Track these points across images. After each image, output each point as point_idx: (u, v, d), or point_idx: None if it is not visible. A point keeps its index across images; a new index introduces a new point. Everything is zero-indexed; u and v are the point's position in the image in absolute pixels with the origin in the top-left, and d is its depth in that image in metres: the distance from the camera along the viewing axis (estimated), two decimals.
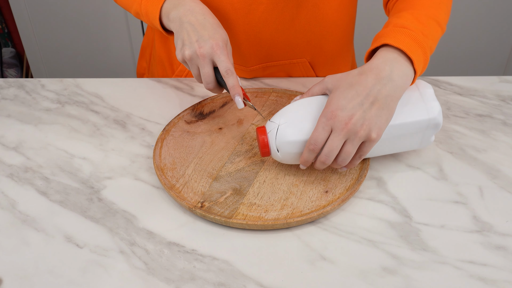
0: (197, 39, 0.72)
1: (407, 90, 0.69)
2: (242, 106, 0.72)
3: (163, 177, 0.71)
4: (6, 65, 2.25)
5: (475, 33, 1.94)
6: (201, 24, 0.73)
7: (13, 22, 2.21)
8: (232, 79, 0.71)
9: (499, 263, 0.60)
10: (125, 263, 0.61)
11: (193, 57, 0.72)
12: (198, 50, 0.71)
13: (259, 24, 0.85)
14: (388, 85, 0.63)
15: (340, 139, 0.62)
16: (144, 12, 0.79)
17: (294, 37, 0.89)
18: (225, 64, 0.71)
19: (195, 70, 0.74)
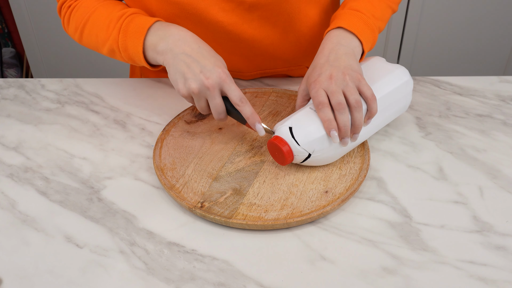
0: (201, 70, 0.68)
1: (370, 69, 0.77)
2: (263, 134, 0.70)
3: (163, 177, 0.71)
4: (6, 65, 2.25)
5: (475, 33, 1.94)
6: (199, 53, 0.69)
7: (13, 22, 2.21)
8: (248, 108, 0.69)
9: (499, 263, 0.60)
10: (125, 263, 0.61)
11: (202, 90, 0.68)
12: (206, 81, 0.67)
13: (254, 39, 0.84)
14: (341, 48, 0.72)
15: (336, 88, 0.67)
16: (123, 47, 0.74)
17: (289, 47, 0.88)
18: (237, 93, 0.69)
19: (203, 103, 0.71)
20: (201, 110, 0.72)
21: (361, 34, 0.75)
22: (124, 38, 0.73)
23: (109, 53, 0.77)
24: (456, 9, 1.87)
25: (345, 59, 0.71)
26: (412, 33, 1.92)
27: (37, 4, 1.96)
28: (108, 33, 0.75)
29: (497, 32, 1.94)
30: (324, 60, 0.71)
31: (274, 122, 0.82)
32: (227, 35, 0.83)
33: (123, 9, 0.76)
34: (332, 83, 0.68)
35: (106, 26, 0.75)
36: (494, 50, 1.99)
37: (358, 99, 0.67)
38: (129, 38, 0.73)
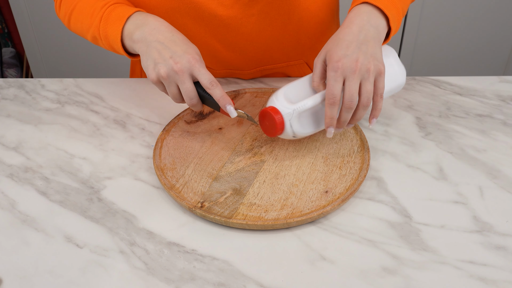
0: (171, 55, 0.68)
1: None
2: (235, 115, 0.70)
3: (163, 177, 0.71)
4: (6, 65, 2.25)
5: (475, 33, 1.94)
6: (171, 41, 0.69)
7: (13, 22, 2.21)
8: (218, 90, 0.69)
9: (499, 263, 0.60)
10: (125, 263, 0.61)
11: (170, 74, 0.68)
12: (175, 65, 0.68)
13: (253, 34, 0.85)
14: (371, 29, 0.69)
15: (356, 82, 0.65)
16: (103, 35, 0.74)
17: (288, 41, 0.89)
18: (207, 76, 0.68)
19: (173, 89, 0.70)
20: (173, 97, 0.71)
21: (389, 12, 0.71)
22: (105, 26, 0.74)
23: (93, 40, 0.78)
24: (456, 9, 1.87)
25: (373, 44, 0.68)
26: (412, 33, 1.92)
27: (37, 4, 1.96)
28: (92, 21, 0.76)
29: (497, 32, 1.94)
30: (352, 37, 0.67)
31: None
32: (226, 30, 0.83)
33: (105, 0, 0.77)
34: (355, 72, 0.65)
35: (90, 14, 0.76)
36: (494, 50, 1.99)
37: (370, 98, 0.66)
38: (109, 26, 0.74)
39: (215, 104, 0.71)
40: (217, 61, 0.91)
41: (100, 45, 0.78)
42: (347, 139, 0.78)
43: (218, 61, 0.90)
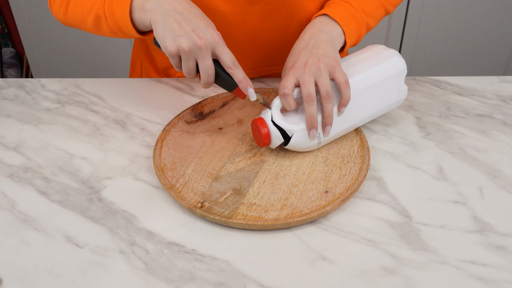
0: (193, 28, 0.65)
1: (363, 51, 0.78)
2: (255, 98, 0.69)
3: (163, 177, 0.71)
4: (6, 65, 2.25)
5: (475, 33, 1.94)
6: (191, 13, 0.66)
7: (13, 22, 2.21)
8: (240, 72, 0.68)
9: (499, 263, 0.60)
10: (125, 263, 0.61)
11: (192, 49, 0.65)
12: (199, 40, 0.64)
13: (253, 33, 0.85)
14: (321, 34, 0.72)
15: (308, 79, 0.67)
16: (109, 12, 0.69)
17: (289, 42, 0.89)
18: (229, 55, 0.66)
19: (192, 63, 0.67)
20: (188, 71, 0.68)
21: (345, 24, 0.75)
22: (110, 1, 0.69)
23: (95, 21, 0.73)
24: (456, 9, 1.87)
25: (324, 46, 0.71)
26: (412, 33, 1.92)
27: (37, 4, 1.96)
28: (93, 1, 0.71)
29: (497, 32, 1.94)
30: (304, 45, 0.71)
31: None
32: (228, 26, 0.83)
33: None
34: (305, 71, 0.68)
35: None
36: (494, 50, 1.99)
37: (329, 90, 0.68)
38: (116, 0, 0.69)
39: (228, 84, 0.70)
40: None
41: (103, 27, 0.73)
42: (347, 139, 0.78)
43: None
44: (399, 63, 0.77)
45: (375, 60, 0.76)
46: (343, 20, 0.75)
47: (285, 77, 0.69)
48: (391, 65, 0.76)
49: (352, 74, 0.74)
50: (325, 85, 0.68)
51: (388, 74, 0.76)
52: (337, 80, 0.69)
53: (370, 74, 0.75)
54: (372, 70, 0.75)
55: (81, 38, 2.03)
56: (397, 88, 0.78)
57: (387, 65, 0.76)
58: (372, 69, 0.75)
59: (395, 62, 0.77)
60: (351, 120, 0.75)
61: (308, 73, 0.68)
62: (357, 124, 0.77)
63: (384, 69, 0.76)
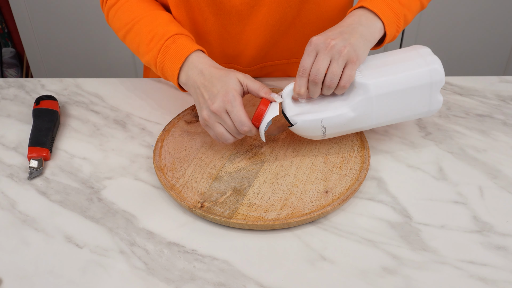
0: (209, 97, 0.70)
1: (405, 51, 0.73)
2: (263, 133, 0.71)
3: (163, 177, 0.71)
4: (6, 65, 2.25)
5: (475, 33, 1.94)
6: (209, 81, 0.71)
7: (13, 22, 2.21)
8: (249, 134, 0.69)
9: (499, 263, 0.60)
10: (125, 263, 0.61)
11: (210, 116, 0.70)
12: (211, 106, 0.69)
13: (261, 26, 0.85)
14: (359, 28, 0.70)
15: (325, 58, 0.66)
16: (160, 67, 0.76)
17: (294, 37, 0.89)
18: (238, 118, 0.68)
19: (218, 129, 0.70)
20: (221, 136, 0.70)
21: (384, 16, 0.72)
22: (162, 58, 0.75)
23: (147, 64, 0.80)
24: (456, 9, 1.87)
25: (358, 38, 0.69)
26: (412, 33, 1.92)
27: (37, 4, 1.96)
28: (149, 48, 0.77)
29: (497, 32, 1.94)
30: (339, 30, 0.69)
31: (274, 122, 0.82)
32: (237, 18, 0.84)
33: (167, 26, 0.77)
34: (326, 49, 0.67)
35: (148, 40, 0.77)
36: (494, 50, 1.99)
37: (335, 80, 0.67)
38: (167, 60, 0.75)
39: None
40: (220, 54, 0.91)
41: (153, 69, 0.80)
42: (347, 139, 0.77)
43: (221, 53, 0.91)
44: (437, 73, 0.70)
45: (410, 65, 0.70)
46: (381, 11, 0.72)
47: (307, 52, 0.68)
48: (425, 73, 0.70)
49: (379, 74, 0.69)
50: (334, 73, 0.67)
51: (420, 83, 0.70)
52: (342, 77, 0.68)
53: (398, 80, 0.69)
54: (401, 75, 0.69)
55: (81, 38, 2.03)
56: (428, 98, 0.72)
57: (421, 73, 0.70)
58: (402, 74, 0.69)
59: (432, 72, 0.70)
60: (367, 122, 0.72)
61: (328, 52, 0.67)
62: (372, 126, 0.73)
63: (416, 76, 0.70)
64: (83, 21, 1.99)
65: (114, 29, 0.85)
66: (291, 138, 0.78)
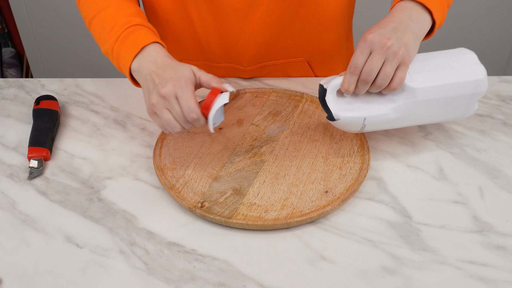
0: (159, 81, 0.67)
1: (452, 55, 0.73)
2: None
3: (163, 177, 0.71)
4: (6, 65, 2.25)
5: (475, 33, 1.94)
6: (162, 69, 0.69)
7: (13, 22, 2.21)
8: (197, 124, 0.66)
9: (499, 263, 0.60)
10: (125, 263, 0.61)
11: (159, 101, 0.66)
12: (161, 90, 0.66)
13: (259, 25, 0.85)
14: (411, 24, 0.68)
15: (379, 59, 0.65)
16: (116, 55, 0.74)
17: (293, 36, 0.89)
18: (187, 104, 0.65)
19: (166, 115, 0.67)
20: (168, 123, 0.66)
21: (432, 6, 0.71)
22: (119, 46, 0.73)
23: (105, 53, 0.78)
24: (456, 9, 1.87)
25: (410, 36, 0.68)
26: None
27: (37, 4, 1.96)
28: (109, 36, 0.75)
29: (497, 32, 1.94)
30: (392, 26, 0.68)
31: (274, 122, 0.82)
32: (235, 17, 0.84)
33: (131, 16, 0.75)
34: (382, 49, 0.65)
35: (109, 28, 0.75)
36: (494, 50, 1.99)
37: (386, 81, 0.66)
38: (123, 49, 0.73)
39: None
40: (221, 54, 0.91)
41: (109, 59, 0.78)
42: (347, 139, 0.78)
43: (221, 53, 0.91)
44: (482, 85, 0.70)
45: (458, 74, 0.70)
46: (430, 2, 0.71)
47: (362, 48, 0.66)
48: (472, 84, 0.70)
49: (428, 80, 0.69)
50: (387, 74, 0.66)
51: (464, 93, 0.70)
52: (395, 79, 0.67)
53: (445, 88, 0.69)
54: (449, 83, 0.69)
55: (81, 38, 2.03)
56: (466, 106, 0.72)
57: (468, 84, 0.70)
58: (450, 83, 0.69)
59: (478, 83, 0.69)
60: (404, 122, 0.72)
61: (384, 53, 0.65)
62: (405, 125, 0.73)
63: (463, 86, 0.69)
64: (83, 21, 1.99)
65: (82, 15, 0.83)
66: (291, 138, 0.78)
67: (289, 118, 0.82)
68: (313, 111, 0.84)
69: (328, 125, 0.81)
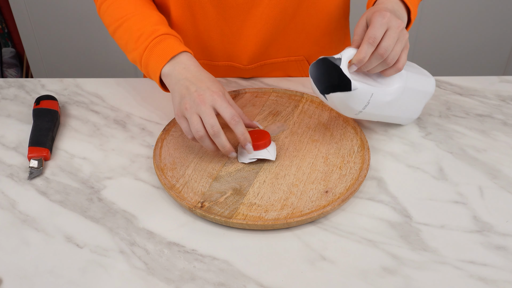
0: (196, 89, 0.71)
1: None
2: (251, 153, 0.72)
3: (163, 177, 0.71)
4: (6, 65, 2.25)
5: (475, 33, 1.94)
6: (197, 78, 0.72)
7: (13, 22, 2.21)
8: (240, 127, 0.70)
9: (499, 263, 0.60)
10: (125, 263, 0.61)
11: (193, 106, 0.70)
12: (198, 97, 0.69)
13: (261, 20, 0.85)
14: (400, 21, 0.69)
15: (395, 36, 0.67)
16: (145, 64, 0.77)
17: (293, 33, 0.89)
18: (229, 110, 0.69)
19: (195, 118, 0.69)
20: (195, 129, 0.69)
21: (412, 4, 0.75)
22: (148, 56, 0.76)
23: (132, 61, 0.81)
24: (456, 9, 1.87)
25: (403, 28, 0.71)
26: (412, 33, 1.92)
27: (37, 4, 1.96)
28: (136, 46, 0.78)
29: (497, 32, 1.94)
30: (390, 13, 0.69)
31: (274, 122, 0.82)
32: (237, 12, 0.85)
33: (156, 25, 0.78)
34: (398, 28, 0.67)
35: (136, 38, 0.78)
36: (494, 50, 1.99)
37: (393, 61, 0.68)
38: (152, 58, 0.76)
39: None
40: (222, 52, 0.91)
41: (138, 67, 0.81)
42: (347, 139, 0.78)
43: (222, 51, 0.91)
44: (433, 85, 0.80)
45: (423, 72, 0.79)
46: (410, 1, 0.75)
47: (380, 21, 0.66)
48: (432, 82, 0.79)
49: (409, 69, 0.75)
50: (397, 52, 0.68)
51: (426, 89, 0.78)
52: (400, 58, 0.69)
53: (419, 79, 0.77)
54: (420, 77, 0.77)
55: (81, 38, 2.03)
56: (419, 106, 0.80)
57: (430, 81, 0.79)
58: (421, 76, 0.77)
59: (431, 83, 0.79)
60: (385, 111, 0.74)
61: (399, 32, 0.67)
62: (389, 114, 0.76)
63: (425, 81, 0.78)
64: (83, 21, 2.00)
65: (104, 23, 0.85)
66: (291, 138, 0.78)
67: (289, 118, 0.82)
68: (313, 111, 0.84)
69: (328, 125, 0.81)
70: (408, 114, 0.79)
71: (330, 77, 0.73)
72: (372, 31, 0.66)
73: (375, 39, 0.66)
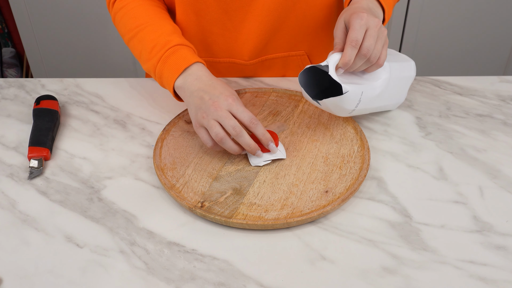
0: (210, 97, 0.71)
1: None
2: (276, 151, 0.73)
3: (163, 177, 0.71)
4: (6, 65, 2.25)
5: (475, 33, 1.94)
6: (210, 86, 0.73)
7: (13, 22, 2.21)
8: (260, 128, 0.71)
9: (499, 263, 0.60)
10: (125, 263, 0.61)
11: (209, 114, 0.70)
12: (213, 105, 0.70)
13: (262, 13, 0.86)
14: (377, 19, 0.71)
15: (375, 35, 0.69)
16: (159, 75, 0.78)
17: (293, 26, 0.90)
18: (247, 113, 0.70)
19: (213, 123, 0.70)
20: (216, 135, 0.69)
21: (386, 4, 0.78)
22: (162, 67, 0.77)
23: (147, 71, 0.82)
24: (456, 9, 1.87)
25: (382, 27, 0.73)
26: (412, 33, 1.92)
27: (37, 4, 1.96)
28: (150, 57, 0.79)
29: (497, 32, 1.94)
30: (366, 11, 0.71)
31: (274, 122, 0.82)
32: (240, 2, 0.85)
33: (170, 36, 0.79)
34: (377, 27, 0.69)
35: (150, 48, 0.79)
36: (494, 50, 1.99)
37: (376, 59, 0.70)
38: (166, 69, 0.77)
39: None
40: (223, 47, 0.91)
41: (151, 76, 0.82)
42: (347, 139, 0.78)
43: (224, 46, 0.91)
44: (413, 68, 0.83)
45: (400, 58, 0.81)
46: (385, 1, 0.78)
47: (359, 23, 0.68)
48: (411, 67, 0.82)
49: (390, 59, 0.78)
50: (378, 49, 0.70)
51: (408, 74, 0.82)
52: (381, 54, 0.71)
53: (400, 67, 0.79)
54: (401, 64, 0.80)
55: (81, 38, 2.03)
56: (404, 90, 0.83)
57: (407, 66, 0.82)
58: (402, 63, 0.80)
59: (412, 66, 0.82)
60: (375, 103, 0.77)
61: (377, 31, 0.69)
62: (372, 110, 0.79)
63: (407, 67, 0.81)
64: (83, 21, 2.00)
65: (119, 33, 0.87)
66: (291, 138, 0.78)
67: (289, 118, 0.83)
68: (313, 111, 0.84)
69: (328, 125, 0.81)
70: (396, 100, 0.83)
71: (319, 82, 0.76)
72: (353, 34, 0.68)
73: (357, 41, 0.68)
